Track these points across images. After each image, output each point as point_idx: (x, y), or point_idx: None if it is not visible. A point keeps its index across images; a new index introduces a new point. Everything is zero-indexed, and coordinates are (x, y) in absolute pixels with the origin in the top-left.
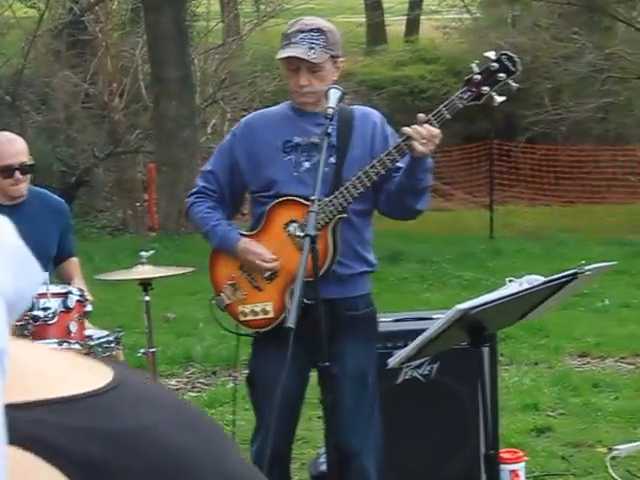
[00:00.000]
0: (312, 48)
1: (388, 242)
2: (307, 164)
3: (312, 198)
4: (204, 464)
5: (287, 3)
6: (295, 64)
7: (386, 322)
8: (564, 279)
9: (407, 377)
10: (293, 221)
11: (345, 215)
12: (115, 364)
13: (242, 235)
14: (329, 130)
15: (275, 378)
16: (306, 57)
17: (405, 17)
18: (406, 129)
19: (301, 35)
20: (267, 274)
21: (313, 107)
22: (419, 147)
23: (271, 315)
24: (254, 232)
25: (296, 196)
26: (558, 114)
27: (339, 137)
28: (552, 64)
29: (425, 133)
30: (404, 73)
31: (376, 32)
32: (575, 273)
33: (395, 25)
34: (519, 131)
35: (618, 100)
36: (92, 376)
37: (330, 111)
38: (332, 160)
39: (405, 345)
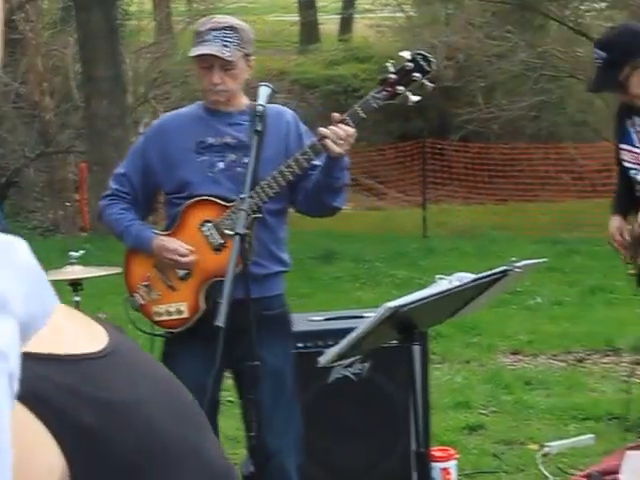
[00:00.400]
0: (226, 46)
1: (321, 241)
2: (221, 164)
3: (242, 196)
4: (187, 448)
5: (220, 1)
6: (208, 62)
7: (317, 321)
8: (494, 276)
9: (339, 376)
10: (208, 221)
11: (260, 215)
12: (109, 325)
13: (156, 234)
14: (259, 127)
15: (189, 379)
16: (220, 54)
17: (339, 16)
18: (323, 130)
19: (214, 33)
20: (181, 273)
21: (225, 106)
22: (335, 147)
23: (185, 315)
24: (168, 232)
25: (211, 196)
26: (491, 112)
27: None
28: (485, 62)
29: (342, 133)
30: (337, 72)
31: (309, 31)
32: (505, 270)
33: (329, 24)
34: (453, 129)
35: (551, 98)
36: (92, 337)
37: (260, 108)
38: (246, 160)
39: (336, 344)
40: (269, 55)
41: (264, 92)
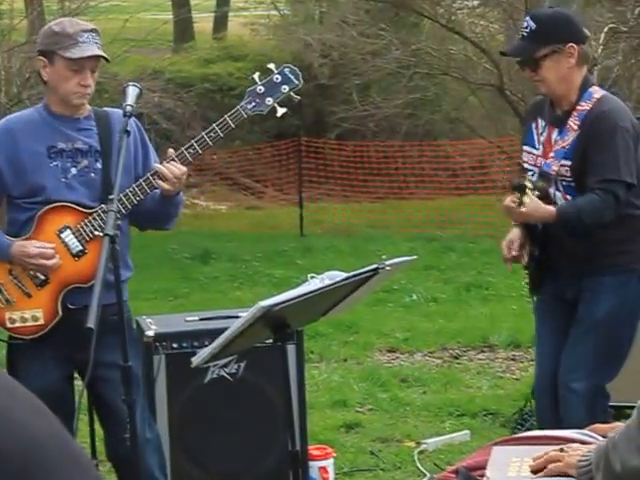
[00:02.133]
0: (99, 48)
1: (198, 241)
2: (74, 170)
3: (110, 197)
4: (59, 444)
5: (92, 0)
6: (80, 64)
7: (192, 321)
8: (365, 274)
9: (215, 376)
10: (66, 227)
11: (119, 222)
12: None
13: (11, 240)
14: (128, 128)
15: (44, 384)
16: (106, 55)
17: (213, 14)
18: (159, 167)
19: (86, 35)
20: (38, 280)
21: (72, 112)
22: (166, 187)
23: (41, 322)
24: (23, 238)
25: (68, 202)
26: (366, 110)
27: (101, 141)
28: (360, 60)
29: (178, 173)
30: (212, 70)
31: (184, 29)
32: (376, 268)
33: (203, 22)
34: (329, 128)
35: (425, 96)
36: None
37: (129, 108)
38: (98, 165)
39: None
40: (144, 54)
41: (132, 92)
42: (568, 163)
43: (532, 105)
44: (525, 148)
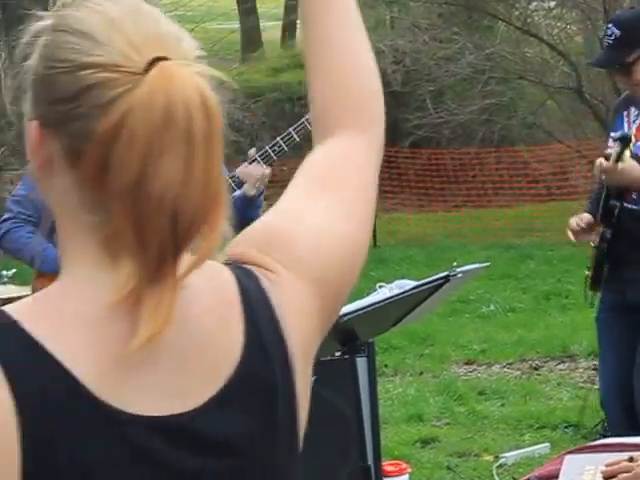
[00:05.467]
0: None
1: None
2: None
3: None
4: None
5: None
6: None
7: None
8: (436, 282)
9: None
10: None
11: None
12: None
13: None
14: None
15: None
16: None
17: (280, 22)
18: (239, 170)
19: None
20: None
21: None
22: (251, 191)
23: None
24: None
25: None
26: (441, 117)
27: None
28: (433, 66)
29: (259, 176)
30: (282, 79)
31: (251, 38)
32: (447, 276)
33: (270, 30)
34: (402, 136)
35: (501, 101)
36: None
37: None
38: None
39: None
40: (210, 64)
41: None
42: None
43: (623, 98)
44: (613, 135)
